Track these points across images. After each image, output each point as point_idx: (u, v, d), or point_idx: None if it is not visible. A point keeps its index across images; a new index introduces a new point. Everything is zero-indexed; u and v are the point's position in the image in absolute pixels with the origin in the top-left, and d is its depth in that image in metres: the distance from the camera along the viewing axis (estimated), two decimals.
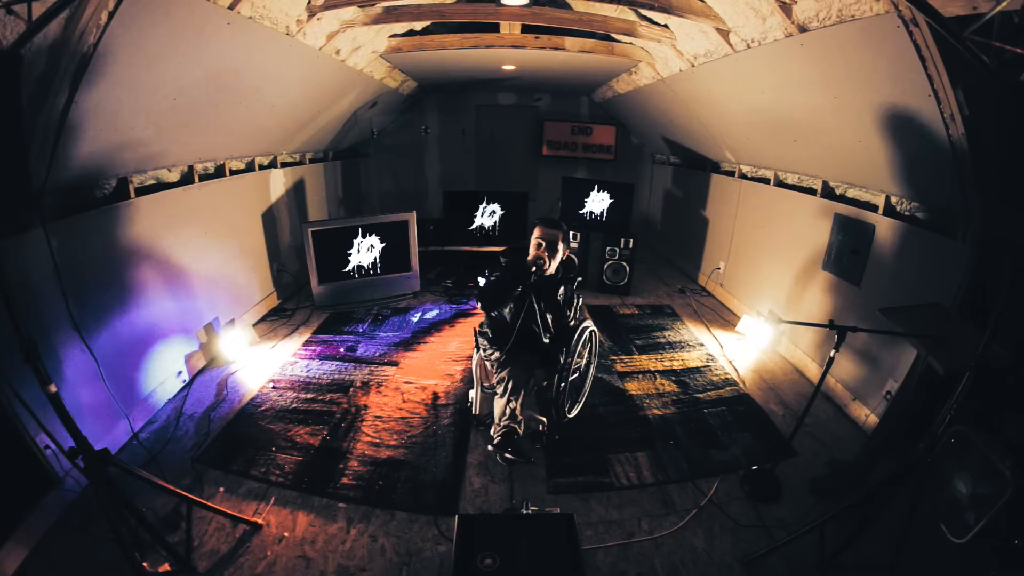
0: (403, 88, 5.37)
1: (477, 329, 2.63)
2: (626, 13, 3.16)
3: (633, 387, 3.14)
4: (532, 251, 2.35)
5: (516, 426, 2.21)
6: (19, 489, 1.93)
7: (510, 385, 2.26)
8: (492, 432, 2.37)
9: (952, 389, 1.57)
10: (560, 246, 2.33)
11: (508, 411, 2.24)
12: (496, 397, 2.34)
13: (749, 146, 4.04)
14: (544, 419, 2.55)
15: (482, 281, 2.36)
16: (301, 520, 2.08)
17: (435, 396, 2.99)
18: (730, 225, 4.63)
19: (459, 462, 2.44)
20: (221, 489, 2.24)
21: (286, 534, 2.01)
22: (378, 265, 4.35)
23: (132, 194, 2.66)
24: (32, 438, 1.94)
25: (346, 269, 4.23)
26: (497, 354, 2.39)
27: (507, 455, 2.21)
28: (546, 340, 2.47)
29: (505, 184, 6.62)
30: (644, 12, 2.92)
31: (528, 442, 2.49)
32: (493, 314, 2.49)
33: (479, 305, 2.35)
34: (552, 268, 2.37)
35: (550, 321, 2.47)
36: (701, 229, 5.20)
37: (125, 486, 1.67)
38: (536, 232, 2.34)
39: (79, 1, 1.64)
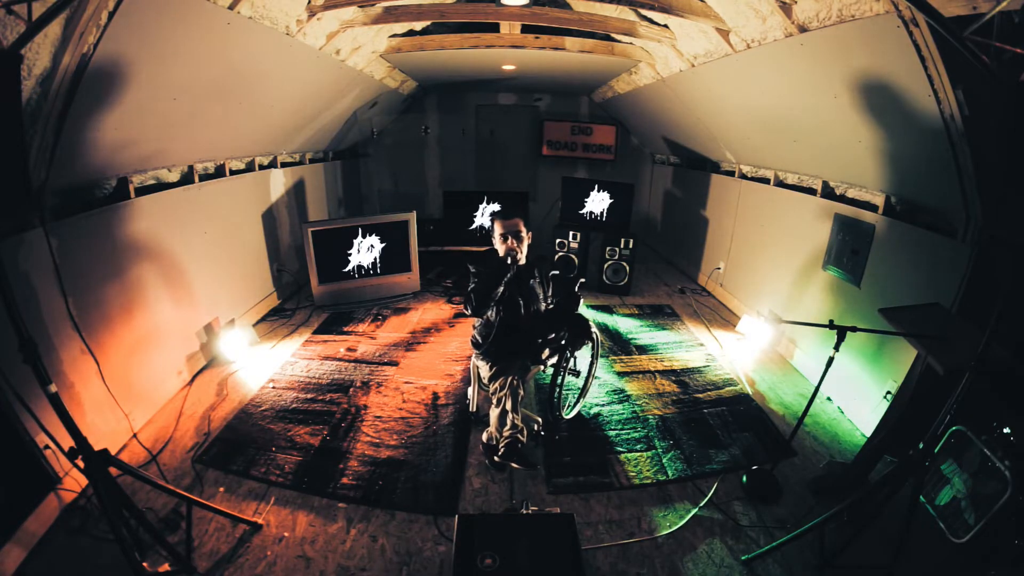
0: (403, 88, 5.37)
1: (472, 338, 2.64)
2: (626, 13, 3.16)
3: (633, 387, 3.14)
4: (501, 246, 2.39)
5: (519, 435, 2.18)
6: (19, 489, 1.93)
7: (507, 396, 2.23)
8: (484, 438, 2.37)
9: (952, 389, 1.57)
10: (523, 232, 2.41)
11: (509, 422, 2.21)
12: (492, 407, 2.33)
13: (749, 146, 4.04)
14: (539, 419, 2.55)
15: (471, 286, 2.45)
16: (301, 520, 2.08)
17: (435, 396, 2.99)
18: (730, 225, 4.63)
19: (459, 462, 2.43)
20: (221, 489, 2.24)
21: (286, 534, 2.01)
22: (378, 265, 4.35)
23: (132, 194, 2.66)
24: (32, 438, 1.94)
25: (346, 269, 4.22)
26: (488, 367, 2.39)
27: (513, 465, 2.18)
28: (532, 328, 2.49)
29: (505, 184, 6.63)
30: (644, 12, 2.92)
31: (531, 444, 2.48)
32: (480, 317, 2.52)
33: (468, 311, 2.39)
34: (523, 256, 2.45)
35: (534, 306, 2.51)
36: (701, 229, 5.19)
37: (125, 486, 1.68)
38: (498, 228, 2.40)
39: (79, 1, 1.64)
